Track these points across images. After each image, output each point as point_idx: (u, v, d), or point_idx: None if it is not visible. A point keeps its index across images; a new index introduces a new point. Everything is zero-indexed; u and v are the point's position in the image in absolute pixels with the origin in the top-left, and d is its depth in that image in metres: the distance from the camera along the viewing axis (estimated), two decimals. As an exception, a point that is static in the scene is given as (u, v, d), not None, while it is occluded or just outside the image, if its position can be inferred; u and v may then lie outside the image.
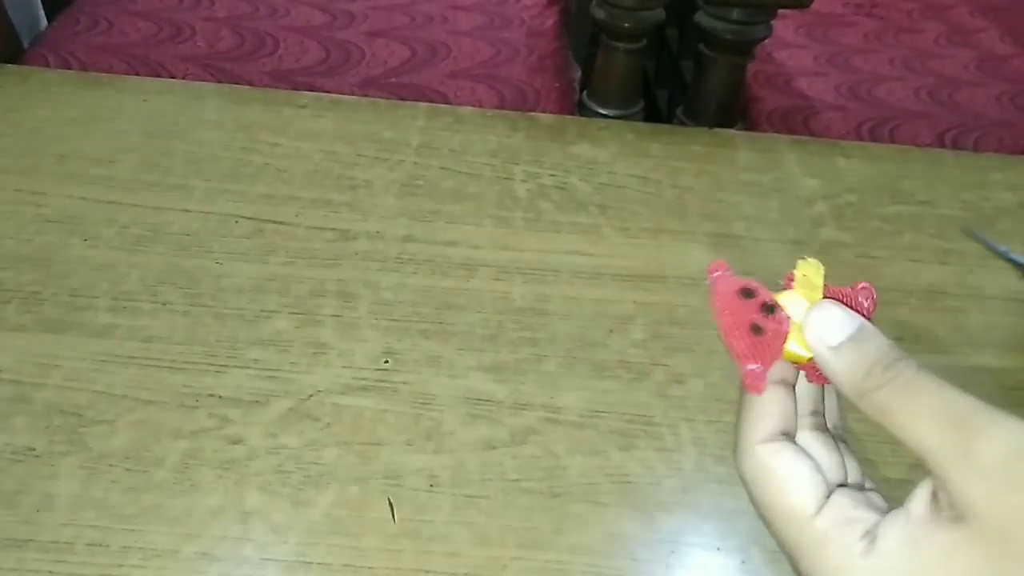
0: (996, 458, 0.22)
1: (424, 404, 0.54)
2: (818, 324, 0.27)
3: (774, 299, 0.28)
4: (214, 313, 0.58)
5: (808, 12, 0.99)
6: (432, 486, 0.50)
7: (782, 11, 0.81)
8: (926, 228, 0.71)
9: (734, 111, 0.90)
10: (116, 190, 0.66)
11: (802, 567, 0.26)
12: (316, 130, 0.74)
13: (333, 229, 0.65)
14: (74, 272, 0.59)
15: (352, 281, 0.61)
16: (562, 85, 0.96)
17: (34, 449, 0.49)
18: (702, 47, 0.84)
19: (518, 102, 0.90)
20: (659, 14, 0.80)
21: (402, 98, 0.87)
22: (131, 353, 0.55)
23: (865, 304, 0.29)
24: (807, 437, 0.29)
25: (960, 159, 0.81)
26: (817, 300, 0.28)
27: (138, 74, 0.87)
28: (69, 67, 0.87)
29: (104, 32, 0.92)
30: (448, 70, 0.92)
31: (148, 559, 0.45)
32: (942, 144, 0.92)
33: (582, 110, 0.88)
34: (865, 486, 0.29)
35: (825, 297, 0.28)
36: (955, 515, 0.23)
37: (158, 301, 0.58)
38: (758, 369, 0.28)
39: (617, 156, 0.75)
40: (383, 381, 0.55)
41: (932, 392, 0.24)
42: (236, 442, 0.51)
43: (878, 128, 0.93)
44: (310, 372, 0.55)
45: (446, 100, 0.89)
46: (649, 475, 0.51)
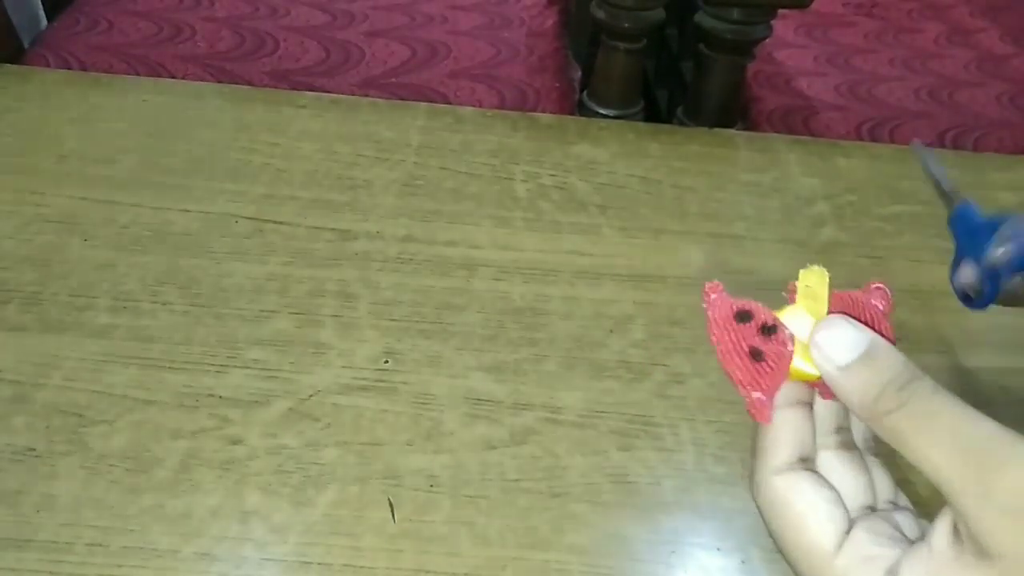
0: (1015, 490, 0.21)
1: (424, 404, 0.54)
2: (825, 342, 0.25)
3: (774, 318, 0.26)
4: (214, 313, 0.58)
5: (808, 12, 0.99)
6: (432, 486, 0.50)
7: (782, 11, 0.81)
8: (926, 228, 0.71)
9: (734, 111, 0.90)
10: (116, 190, 0.66)
11: None
12: (316, 130, 0.74)
13: (333, 229, 0.65)
14: (74, 272, 0.59)
15: (352, 281, 0.61)
16: (562, 85, 0.96)
17: (34, 449, 0.49)
18: (702, 47, 0.84)
19: (518, 102, 0.90)
20: (659, 14, 0.80)
21: (402, 98, 0.87)
22: (131, 353, 0.55)
23: (880, 306, 0.27)
24: (831, 458, 0.28)
25: (960, 159, 0.81)
26: (821, 312, 0.26)
27: (138, 74, 0.87)
28: (69, 67, 0.87)
29: (104, 32, 0.92)
30: (448, 70, 0.92)
31: (148, 559, 0.45)
32: (942, 144, 0.92)
33: (582, 110, 0.88)
34: (899, 504, 0.28)
35: (832, 307, 0.27)
36: (978, 550, 0.22)
37: (158, 301, 0.58)
38: (762, 397, 0.26)
39: (617, 156, 0.75)
40: (383, 381, 0.55)
41: (949, 417, 0.23)
42: (236, 442, 0.51)
43: (878, 128, 0.93)
44: (310, 372, 0.55)
45: (446, 100, 0.89)
46: (649, 475, 0.51)
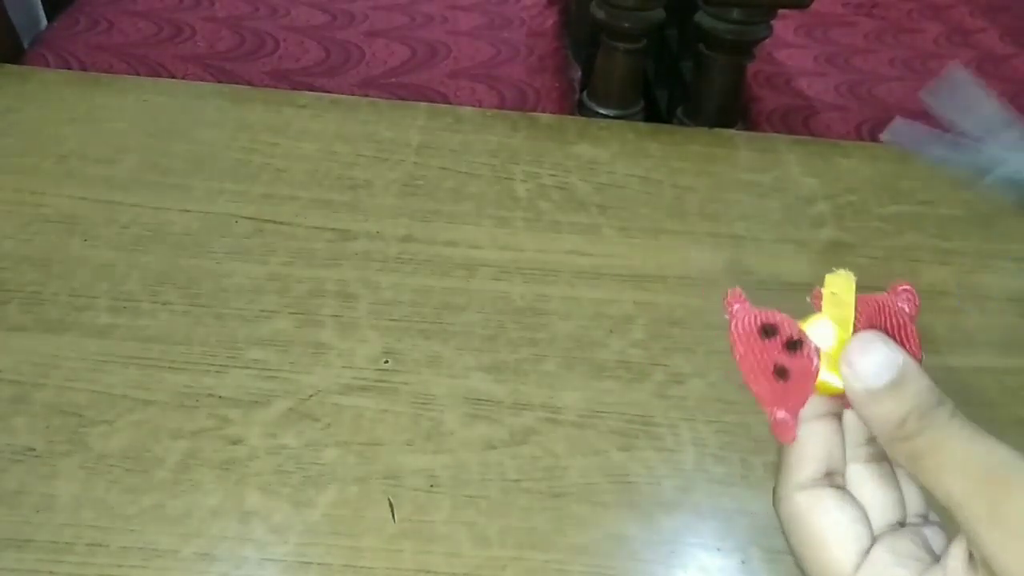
0: None
1: (424, 404, 0.54)
2: (859, 364, 0.25)
3: (800, 331, 0.26)
4: (214, 313, 0.58)
5: (808, 12, 0.99)
6: (432, 486, 0.49)
7: (782, 11, 0.81)
8: (926, 228, 0.71)
9: (734, 111, 0.90)
10: (116, 190, 0.66)
11: None
12: (316, 130, 0.74)
13: (333, 229, 0.65)
14: (74, 272, 0.59)
15: (352, 281, 0.61)
16: (562, 85, 0.96)
17: (34, 449, 0.49)
18: (702, 47, 0.84)
19: (518, 102, 0.90)
20: (659, 14, 0.80)
21: (402, 98, 0.87)
22: (131, 353, 0.55)
23: (906, 309, 0.27)
24: (860, 472, 0.28)
25: (960, 159, 0.81)
26: (848, 320, 0.26)
27: (138, 74, 0.87)
28: (69, 67, 0.87)
29: (104, 32, 0.92)
30: (448, 70, 0.92)
31: (148, 559, 0.45)
32: (942, 144, 0.91)
33: (582, 110, 0.88)
34: (929, 518, 0.28)
35: (858, 314, 0.26)
36: (990, 574, 0.22)
37: (158, 301, 0.58)
38: (786, 417, 0.26)
39: (617, 156, 0.75)
40: (383, 381, 0.55)
41: (962, 443, 0.23)
42: (236, 442, 0.51)
43: (878, 128, 0.93)
44: (310, 372, 0.55)
45: (446, 100, 0.89)
46: (649, 475, 0.51)
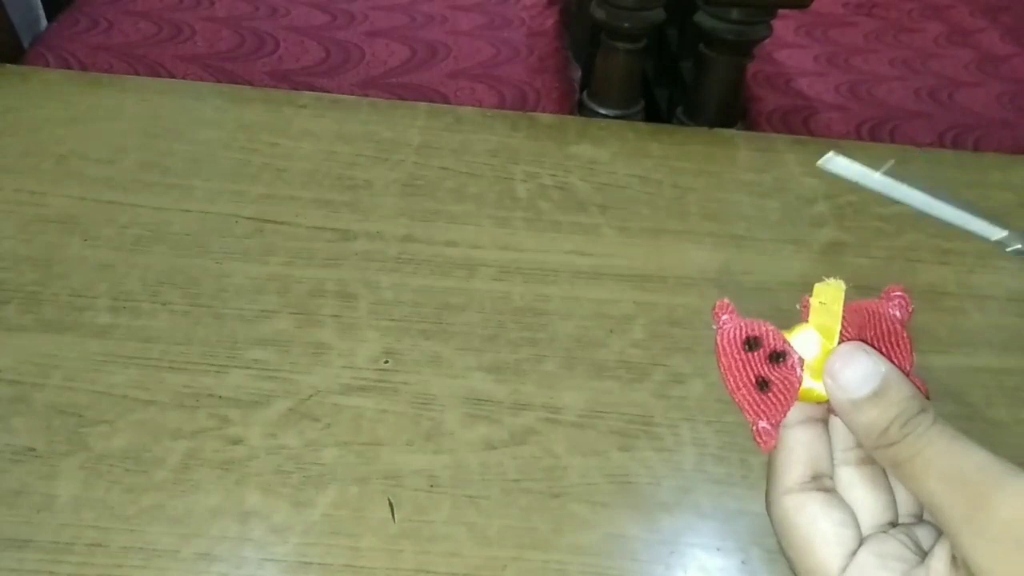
0: (1004, 520, 0.22)
1: (424, 404, 0.54)
2: (840, 375, 0.26)
3: (784, 342, 0.27)
4: (214, 313, 0.58)
5: (808, 12, 0.99)
6: (432, 486, 0.50)
7: (782, 11, 0.81)
8: (926, 228, 0.71)
9: (734, 111, 0.90)
10: (116, 190, 0.66)
11: None
12: (316, 130, 0.74)
13: (333, 229, 0.65)
14: (74, 272, 0.59)
15: (352, 281, 0.61)
16: (562, 85, 0.96)
17: (34, 449, 0.49)
18: (702, 47, 0.84)
19: (518, 102, 0.90)
20: (659, 14, 0.80)
21: (402, 98, 0.87)
22: (131, 353, 0.55)
23: (897, 315, 0.27)
24: (850, 474, 0.28)
25: (960, 159, 0.81)
26: (834, 329, 0.26)
27: (138, 74, 0.87)
28: (69, 67, 0.87)
29: (104, 32, 0.92)
30: (448, 70, 0.92)
31: (148, 559, 0.45)
32: (942, 144, 0.92)
33: (582, 110, 0.88)
34: (923, 517, 0.28)
35: (847, 321, 0.27)
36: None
37: (158, 301, 0.58)
38: (767, 427, 0.27)
39: (617, 156, 0.75)
40: (383, 381, 0.55)
41: (944, 448, 0.24)
42: (236, 442, 0.51)
43: (878, 128, 0.93)
44: (310, 372, 0.55)
45: (446, 100, 0.89)
46: (649, 475, 0.51)
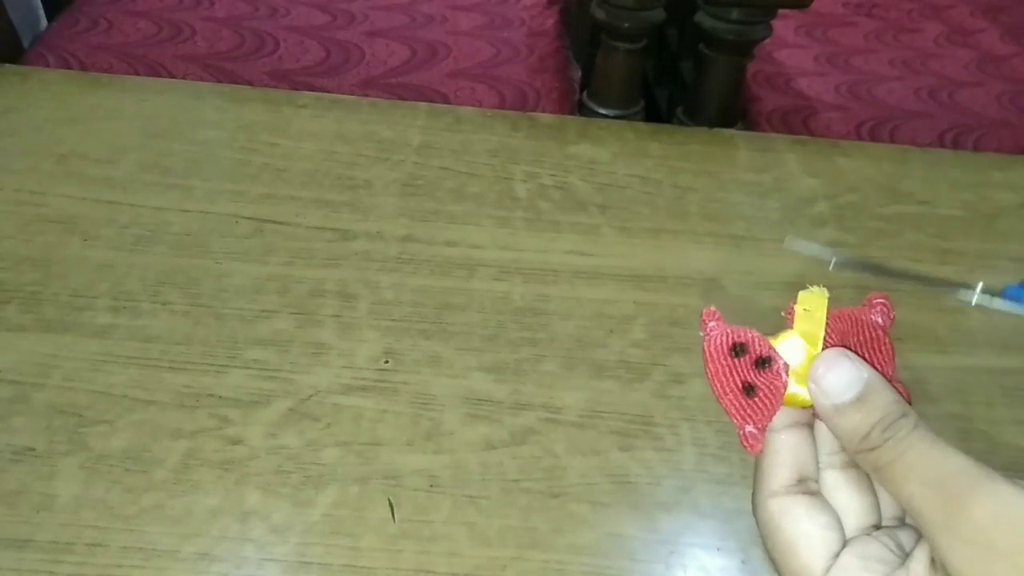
0: (979, 524, 0.22)
1: (424, 404, 0.54)
2: (823, 380, 0.26)
3: (769, 348, 0.27)
4: (214, 313, 0.58)
5: (808, 12, 0.99)
6: (432, 486, 0.50)
7: (782, 11, 0.81)
8: (926, 228, 0.71)
9: (734, 111, 0.90)
10: (116, 190, 0.66)
11: None
12: (316, 130, 0.74)
13: (333, 229, 0.65)
14: (74, 272, 0.59)
15: (352, 281, 0.61)
16: (562, 85, 0.96)
17: (34, 449, 0.49)
18: (702, 47, 0.84)
19: (518, 102, 0.90)
20: (659, 14, 0.80)
21: (402, 98, 0.87)
22: (131, 353, 0.55)
23: (880, 321, 0.28)
24: (835, 477, 0.28)
25: (960, 159, 0.81)
26: (817, 336, 0.27)
27: (138, 74, 0.87)
28: (69, 67, 0.87)
29: (104, 32, 0.92)
30: (448, 70, 0.92)
31: (148, 559, 0.45)
32: (942, 144, 0.92)
33: (582, 110, 0.88)
34: (906, 520, 0.28)
35: (830, 328, 0.27)
36: None
37: (158, 301, 0.58)
38: (753, 431, 0.27)
39: (617, 156, 0.75)
40: (383, 381, 0.55)
41: (922, 453, 0.24)
42: (236, 442, 0.51)
43: (878, 128, 0.93)
44: (310, 372, 0.55)
45: (446, 100, 0.89)
46: (649, 475, 0.51)
